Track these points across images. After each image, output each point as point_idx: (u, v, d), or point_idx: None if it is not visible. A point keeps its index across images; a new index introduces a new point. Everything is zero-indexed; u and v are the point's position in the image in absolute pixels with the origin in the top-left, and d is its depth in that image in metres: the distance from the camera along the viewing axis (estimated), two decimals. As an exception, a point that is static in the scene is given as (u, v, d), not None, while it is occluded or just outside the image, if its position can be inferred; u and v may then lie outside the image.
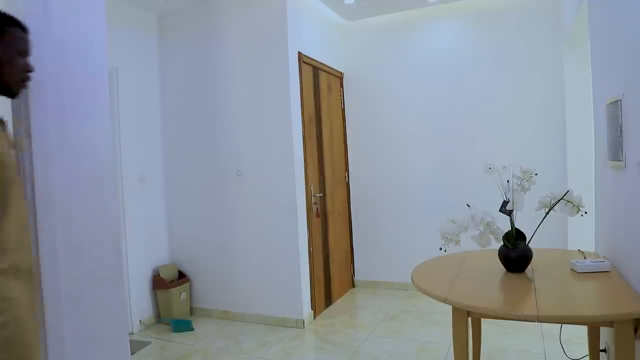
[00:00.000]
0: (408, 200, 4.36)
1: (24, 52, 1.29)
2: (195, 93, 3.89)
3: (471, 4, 4.06)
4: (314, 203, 3.85)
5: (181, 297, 3.80)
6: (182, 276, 3.95)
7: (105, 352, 1.91)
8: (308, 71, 3.84)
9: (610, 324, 1.43)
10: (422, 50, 4.25)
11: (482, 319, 2.33)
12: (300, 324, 3.54)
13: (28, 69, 1.31)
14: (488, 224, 1.88)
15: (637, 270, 1.58)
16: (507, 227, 1.94)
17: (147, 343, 3.39)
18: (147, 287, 3.78)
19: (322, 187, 4.02)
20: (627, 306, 1.42)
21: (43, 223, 1.61)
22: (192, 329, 3.62)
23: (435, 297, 1.67)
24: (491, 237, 1.90)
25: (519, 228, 1.95)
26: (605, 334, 2.02)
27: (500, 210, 1.95)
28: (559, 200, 1.87)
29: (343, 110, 4.55)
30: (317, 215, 3.90)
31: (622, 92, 1.65)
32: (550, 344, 2.94)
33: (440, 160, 4.22)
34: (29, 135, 1.59)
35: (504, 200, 1.94)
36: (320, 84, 4.09)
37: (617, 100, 1.69)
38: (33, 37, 1.45)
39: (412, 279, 1.93)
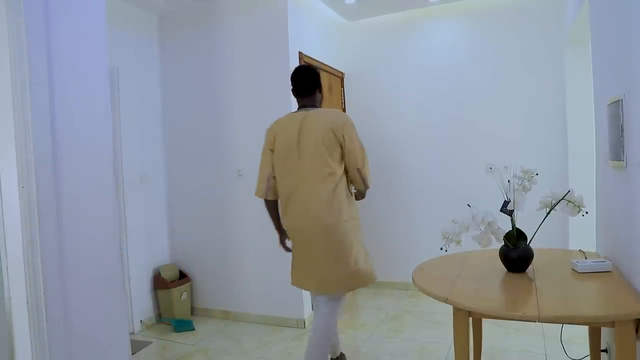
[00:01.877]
0: (409, 201, 4.36)
1: None
2: (196, 93, 3.89)
3: (472, 4, 4.06)
4: (315, 203, 3.84)
5: (182, 297, 3.80)
6: (183, 276, 3.95)
7: (106, 352, 1.92)
8: (309, 71, 3.83)
9: (611, 324, 1.43)
10: (423, 50, 4.25)
11: (483, 319, 2.32)
12: (301, 324, 3.54)
13: None
14: (489, 223, 1.88)
15: (638, 270, 1.58)
16: (508, 227, 1.94)
17: (148, 343, 3.39)
18: (148, 287, 3.79)
19: (322, 187, 4.01)
20: (628, 306, 1.42)
21: (44, 223, 1.62)
22: (193, 329, 3.62)
23: (437, 297, 1.67)
24: (492, 237, 1.90)
25: (520, 228, 1.95)
26: (606, 334, 2.01)
27: (501, 210, 1.95)
28: (560, 200, 1.86)
29: (344, 110, 4.54)
30: (318, 215, 3.89)
31: (624, 92, 1.65)
32: (551, 344, 2.94)
33: (441, 160, 4.22)
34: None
35: (505, 200, 1.94)
36: (321, 84, 4.07)
37: (619, 100, 1.69)
38: (33, 37, 1.45)
39: (413, 279, 1.93)
